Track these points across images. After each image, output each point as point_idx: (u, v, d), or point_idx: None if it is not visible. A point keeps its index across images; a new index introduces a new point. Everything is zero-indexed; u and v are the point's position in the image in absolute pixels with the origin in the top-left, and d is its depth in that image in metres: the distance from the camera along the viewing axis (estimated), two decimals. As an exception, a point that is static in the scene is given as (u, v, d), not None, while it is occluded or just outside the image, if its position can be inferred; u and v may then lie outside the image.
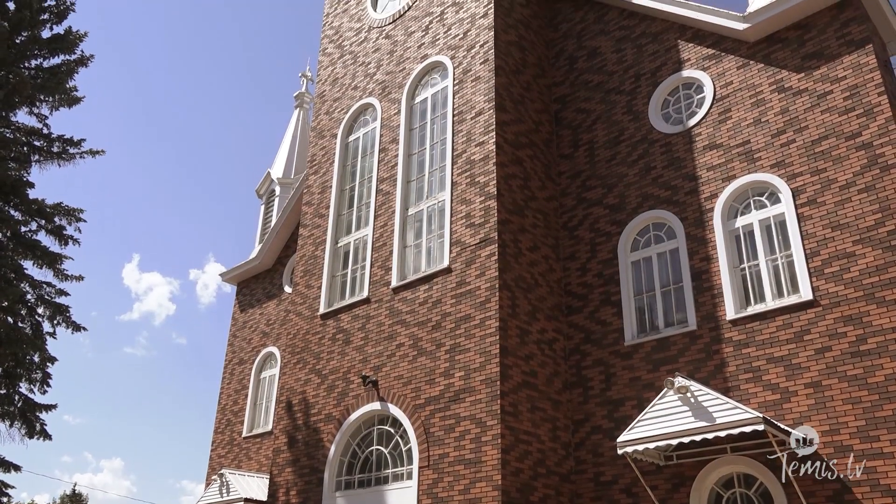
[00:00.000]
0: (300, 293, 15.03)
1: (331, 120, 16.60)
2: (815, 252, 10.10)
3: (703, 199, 11.61)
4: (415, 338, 12.11)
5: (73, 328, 19.30)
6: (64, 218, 19.50)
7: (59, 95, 19.92)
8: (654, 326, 11.62)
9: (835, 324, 9.58)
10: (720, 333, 10.64)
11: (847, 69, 10.71)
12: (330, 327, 13.89)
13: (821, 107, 10.80)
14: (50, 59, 20.46)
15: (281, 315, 19.07)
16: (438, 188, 13.28)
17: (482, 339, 11.05)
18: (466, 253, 11.95)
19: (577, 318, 12.45)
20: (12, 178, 18.46)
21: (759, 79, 11.67)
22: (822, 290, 9.85)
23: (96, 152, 20.38)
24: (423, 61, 14.70)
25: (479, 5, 14.01)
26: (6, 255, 18.05)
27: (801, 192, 10.54)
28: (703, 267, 11.23)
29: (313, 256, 15.17)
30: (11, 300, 17.72)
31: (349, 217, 15.03)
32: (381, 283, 13.24)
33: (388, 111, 15.04)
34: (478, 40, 13.69)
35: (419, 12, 15.43)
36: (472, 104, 13.20)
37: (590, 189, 13.24)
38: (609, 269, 12.37)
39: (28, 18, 19.72)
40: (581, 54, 14.56)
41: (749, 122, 11.53)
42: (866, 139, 10.17)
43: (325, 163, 16.12)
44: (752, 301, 10.68)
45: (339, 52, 17.35)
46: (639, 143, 12.86)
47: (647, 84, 13.19)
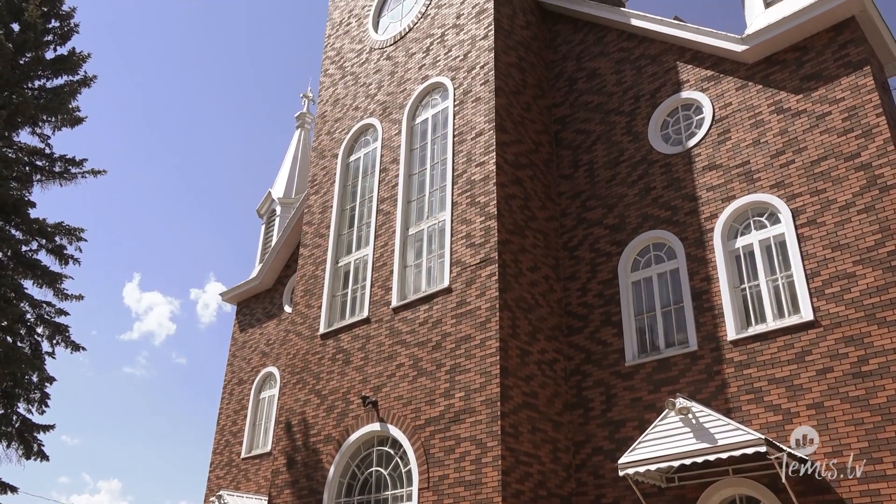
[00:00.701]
0: (300, 313, 15.00)
1: (332, 140, 16.67)
2: (816, 272, 10.09)
3: (703, 220, 11.62)
4: (415, 358, 12.07)
5: (72, 348, 19.25)
6: (65, 237, 19.52)
7: (61, 116, 20.04)
8: (654, 347, 11.58)
9: (836, 344, 9.55)
10: (721, 354, 10.60)
11: (845, 90, 10.77)
12: (330, 347, 13.85)
13: (819, 128, 10.85)
14: (53, 79, 20.62)
15: (281, 335, 19.02)
16: (439, 208, 13.31)
17: (482, 360, 11.01)
18: (467, 273, 11.95)
19: (578, 338, 12.41)
20: (14, 197, 18.51)
21: (758, 100, 11.73)
22: (823, 310, 9.83)
23: (98, 172, 20.46)
24: (424, 82, 14.79)
25: (480, 27, 14.12)
26: (6, 274, 18.05)
27: (801, 212, 10.56)
28: (703, 287, 11.22)
29: (313, 276, 15.16)
30: (11, 320, 17.69)
31: (349, 237, 15.04)
32: (382, 303, 13.22)
33: (389, 131, 15.11)
34: (478, 62, 13.78)
35: (420, 34, 15.56)
36: (473, 125, 13.26)
37: (590, 209, 13.26)
38: (609, 289, 12.36)
39: (32, 40, 19.89)
40: (581, 75, 14.65)
41: (748, 143, 11.57)
42: (865, 160, 10.20)
43: (326, 183, 16.17)
44: (752, 321, 10.66)
45: (341, 73, 17.46)
46: (638, 164, 12.90)
47: (646, 105, 13.26)
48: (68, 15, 21.32)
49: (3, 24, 19.94)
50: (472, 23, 14.35)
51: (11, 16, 20.17)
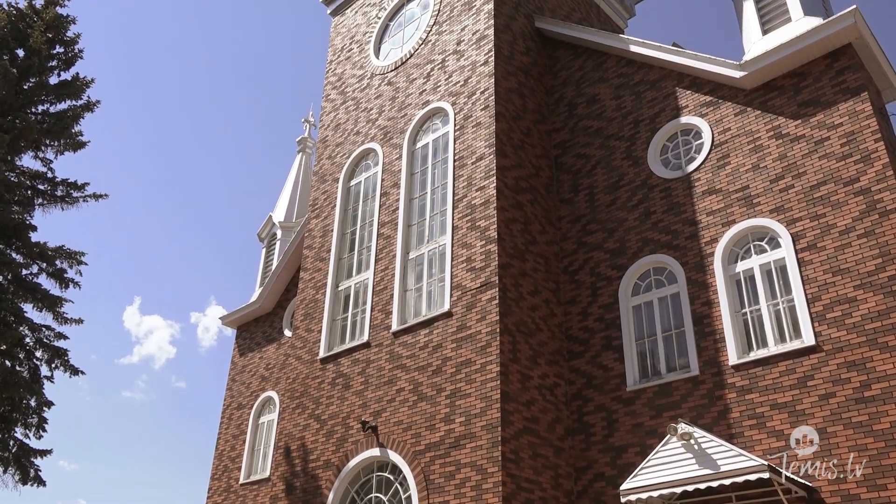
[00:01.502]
0: (300, 337, 14.96)
1: (333, 164, 16.75)
2: (817, 297, 10.08)
3: (704, 244, 11.63)
4: (415, 382, 12.01)
5: (71, 372, 19.16)
6: (65, 261, 19.52)
7: (64, 140, 20.16)
8: (656, 372, 11.53)
9: (838, 369, 9.51)
10: (723, 379, 10.55)
11: (843, 116, 10.84)
12: (330, 372, 13.79)
13: (818, 153, 10.91)
14: (57, 104, 20.76)
15: (280, 359, 18.95)
16: (439, 232, 13.33)
17: (483, 385, 10.96)
18: (467, 297, 11.93)
19: (579, 362, 12.36)
20: (15, 221, 18.55)
21: (757, 125, 11.81)
22: (825, 335, 9.80)
23: (99, 196, 20.52)
24: (425, 107, 14.90)
25: (480, 53, 14.26)
26: (6, 298, 18.03)
27: (801, 236, 10.57)
28: (704, 311, 11.20)
29: (314, 300, 15.14)
30: (10, 343, 17.63)
31: (350, 261, 15.05)
32: (382, 327, 13.19)
33: (390, 156, 15.19)
34: (478, 87, 13.89)
35: (421, 60, 15.70)
36: (473, 149, 13.33)
37: (590, 233, 13.28)
38: (610, 313, 12.33)
39: (37, 65, 20.08)
40: (580, 101, 14.76)
41: (748, 168, 11.62)
42: (864, 185, 10.23)
43: (327, 207, 16.21)
44: (754, 346, 10.62)
45: (342, 98, 17.60)
46: (638, 188, 12.95)
47: (645, 130, 13.34)
48: (73, 41, 21.54)
49: (8, 50, 20.14)
50: (473, 49, 14.49)
51: (16, 42, 20.37)
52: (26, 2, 21.12)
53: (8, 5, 20.76)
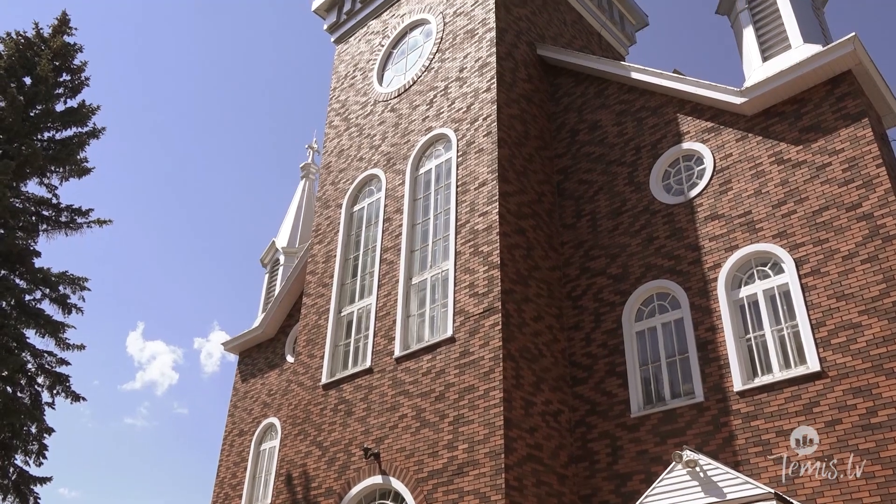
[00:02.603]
0: (302, 363, 14.91)
1: (336, 190, 16.82)
2: (821, 322, 10.03)
3: (707, 269, 11.62)
4: (418, 409, 11.93)
5: (72, 398, 19.10)
6: (68, 287, 19.56)
7: (69, 166, 20.31)
8: (660, 398, 11.45)
9: (844, 396, 9.43)
10: (728, 405, 10.47)
11: (844, 142, 10.88)
12: (332, 398, 13.71)
13: (820, 178, 10.93)
14: (63, 131, 20.95)
15: (283, 385, 18.86)
16: (442, 258, 13.34)
17: (486, 411, 10.88)
18: (470, 322, 11.90)
19: (583, 389, 12.29)
20: (19, 247, 18.62)
21: (759, 151, 11.85)
22: (830, 361, 9.74)
23: (104, 222, 20.62)
24: (428, 133, 14.99)
25: (483, 80, 14.38)
26: (9, 323, 18.03)
27: (805, 262, 10.56)
28: (708, 337, 11.15)
29: (316, 326, 15.11)
30: (12, 370, 17.60)
31: (353, 286, 15.05)
32: (384, 353, 13.14)
33: (393, 182, 15.25)
34: (481, 113, 13.99)
35: (424, 87, 15.83)
36: (476, 175, 13.39)
37: (593, 259, 13.28)
38: (613, 339, 12.28)
39: (43, 92, 20.29)
40: (582, 127, 14.84)
41: (750, 193, 11.64)
42: (867, 210, 10.24)
43: (330, 232, 16.25)
44: (759, 372, 10.55)
45: (346, 124, 17.72)
46: (641, 214, 12.97)
47: (647, 156, 13.40)
48: (79, 69, 21.79)
49: (15, 78, 20.36)
50: (475, 76, 14.61)
51: (24, 70, 20.62)
52: (34, 30, 21.42)
53: (16, 34, 21.05)
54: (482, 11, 15.35)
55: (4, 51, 20.47)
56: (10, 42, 20.72)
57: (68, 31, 21.97)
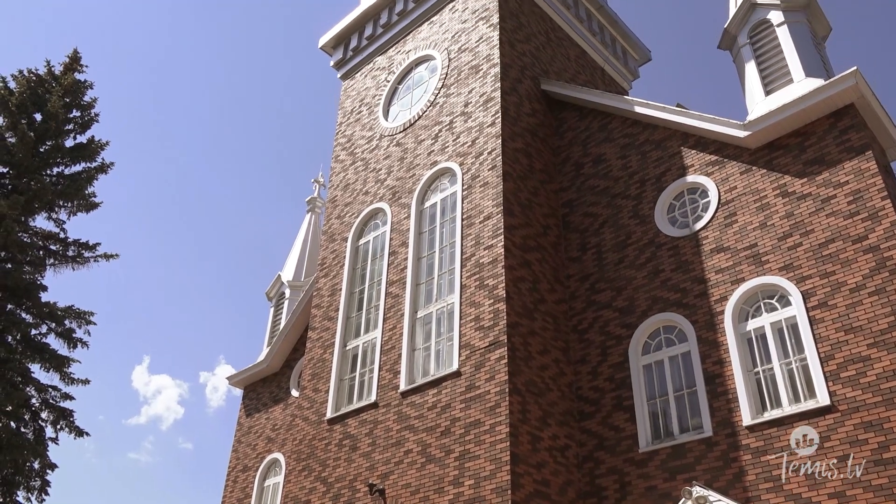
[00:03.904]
0: (307, 397, 14.82)
1: (342, 224, 16.89)
2: (830, 356, 9.95)
3: (713, 302, 11.57)
4: (423, 444, 11.82)
5: (76, 433, 19.01)
6: (74, 321, 19.59)
7: (77, 201, 20.49)
8: (668, 432, 11.32)
9: (855, 430, 9.31)
10: (737, 440, 10.34)
11: (849, 174, 10.90)
12: (337, 433, 13.60)
13: (825, 210, 10.93)
14: (72, 166, 21.19)
15: (287, 420, 18.73)
16: (447, 291, 13.32)
17: (492, 446, 10.77)
18: (476, 356, 11.84)
19: (590, 423, 12.16)
20: (26, 281, 18.70)
21: (763, 184, 11.88)
22: (840, 394, 9.63)
23: (111, 256, 20.73)
24: (433, 167, 15.09)
25: (487, 115, 14.51)
26: (14, 358, 18.02)
27: (812, 294, 10.51)
28: (716, 371, 11.05)
29: (321, 359, 15.05)
30: (16, 405, 17.54)
31: (358, 320, 15.02)
32: (390, 387, 13.06)
33: (398, 215, 15.31)
34: (486, 147, 14.09)
35: (429, 121, 15.98)
36: (481, 208, 13.44)
37: (599, 292, 13.24)
38: (620, 372, 12.19)
39: (53, 129, 20.56)
40: (587, 160, 14.92)
41: (755, 226, 11.64)
42: (873, 242, 10.22)
43: (336, 266, 16.28)
44: (768, 406, 10.44)
45: (351, 158, 17.86)
46: (646, 247, 12.96)
47: (652, 189, 13.43)
48: (89, 105, 22.11)
49: (26, 115, 20.66)
50: (480, 111, 14.75)
51: (35, 106, 20.93)
52: (46, 68, 21.79)
53: (28, 72, 21.40)
54: (486, 48, 15.56)
55: (16, 88, 20.80)
56: (21, 80, 21.07)
57: (79, 68, 22.34)
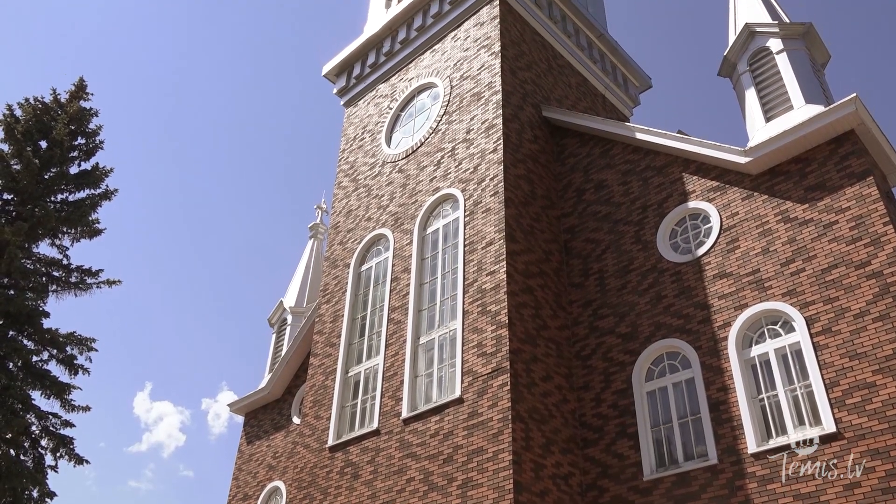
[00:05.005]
0: (309, 424, 14.72)
1: (344, 250, 16.91)
2: (835, 382, 9.88)
3: (717, 328, 11.52)
4: (425, 472, 11.70)
5: (75, 461, 18.87)
6: (76, 347, 19.54)
7: (81, 228, 20.54)
8: (673, 460, 11.20)
9: (862, 458, 9.21)
10: (742, 468, 10.23)
11: (850, 200, 10.92)
12: (338, 460, 13.48)
13: (828, 236, 10.93)
14: (76, 193, 21.29)
15: (288, 447, 18.58)
16: (450, 317, 13.29)
17: (495, 474, 10.66)
18: (478, 383, 11.77)
19: (594, 451, 12.05)
20: (28, 308, 18.68)
21: (765, 209, 11.90)
22: (846, 421, 9.55)
23: (113, 282, 20.74)
24: (435, 193, 15.14)
25: (489, 141, 14.59)
26: (15, 385, 17.95)
27: (815, 320, 10.46)
28: (720, 397, 10.97)
29: (323, 386, 14.98)
30: (16, 432, 17.44)
31: (360, 346, 14.97)
32: (392, 414, 12.97)
33: (401, 241, 15.33)
34: (488, 174, 14.15)
35: (431, 148, 16.07)
36: (483, 234, 13.45)
37: (601, 318, 13.20)
38: (624, 399, 12.10)
39: (58, 156, 20.70)
40: (588, 186, 14.97)
41: (757, 252, 11.63)
42: (876, 268, 10.20)
43: (338, 292, 16.26)
44: (773, 433, 10.35)
45: (354, 185, 17.94)
46: (649, 272, 12.95)
47: (654, 215, 13.45)
48: (94, 132, 22.28)
49: (31, 142, 20.81)
50: (482, 137, 14.84)
51: (40, 134, 21.09)
52: (52, 96, 22.00)
53: (34, 100, 21.61)
54: (488, 75, 15.69)
55: (22, 116, 20.99)
56: (27, 107, 21.26)
57: (85, 96, 22.56)
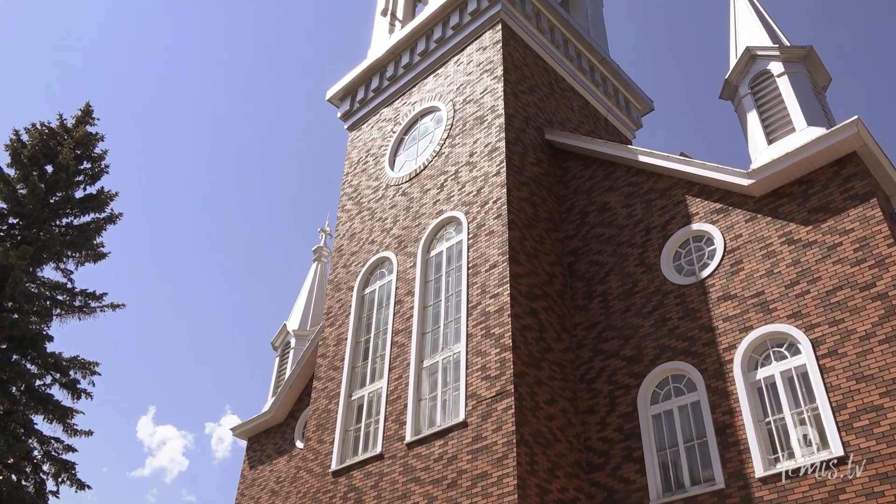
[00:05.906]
0: (312, 448, 14.62)
1: (348, 273, 16.91)
2: (842, 405, 9.80)
3: (722, 351, 11.46)
4: (430, 497, 11.60)
5: (77, 486, 18.74)
6: (79, 371, 19.50)
7: (85, 251, 20.60)
8: (679, 484, 11.09)
9: (870, 482, 9.11)
10: (750, 493, 10.11)
11: (854, 222, 10.91)
12: (341, 485, 13.37)
13: (832, 258, 10.90)
14: (81, 217, 21.38)
15: (291, 472, 18.44)
16: (454, 340, 13.25)
17: (500, 499, 10.56)
18: (482, 406, 11.70)
19: (599, 475, 11.93)
20: (32, 332, 18.68)
21: (768, 231, 11.89)
22: (854, 445, 9.45)
23: (117, 306, 20.74)
24: (439, 216, 15.17)
25: (492, 164, 14.65)
26: (18, 409, 17.89)
27: (821, 343, 10.40)
28: (726, 421, 10.88)
29: (326, 410, 14.90)
30: (17, 457, 17.35)
31: (363, 369, 14.91)
32: (395, 438, 12.88)
33: (404, 264, 15.34)
34: (491, 197, 14.19)
35: (434, 171, 16.14)
36: (487, 257, 13.45)
37: (606, 340, 13.15)
38: (629, 423, 12.01)
39: (64, 180, 20.82)
40: (592, 209, 14.99)
41: (762, 274, 11.60)
42: (881, 290, 10.16)
43: (341, 315, 16.24)
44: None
45: (358, 208, 17.99)
46: (653, 295, 12.91)
47: (657, 237, 13.45)
48: (100, 157, 22.43)
49: (37, 167, 20.95)
50: (485, 160, 14.90)
51: (46, 158, 21.24)
52: (58, 121, 22.18)
53: (41, 124, 21.80)
54: (491, 99, 15.80)
55: (29, 141, 21.15)
56: (34, 132, 21.44)
57: (91, 121, 22.75)
